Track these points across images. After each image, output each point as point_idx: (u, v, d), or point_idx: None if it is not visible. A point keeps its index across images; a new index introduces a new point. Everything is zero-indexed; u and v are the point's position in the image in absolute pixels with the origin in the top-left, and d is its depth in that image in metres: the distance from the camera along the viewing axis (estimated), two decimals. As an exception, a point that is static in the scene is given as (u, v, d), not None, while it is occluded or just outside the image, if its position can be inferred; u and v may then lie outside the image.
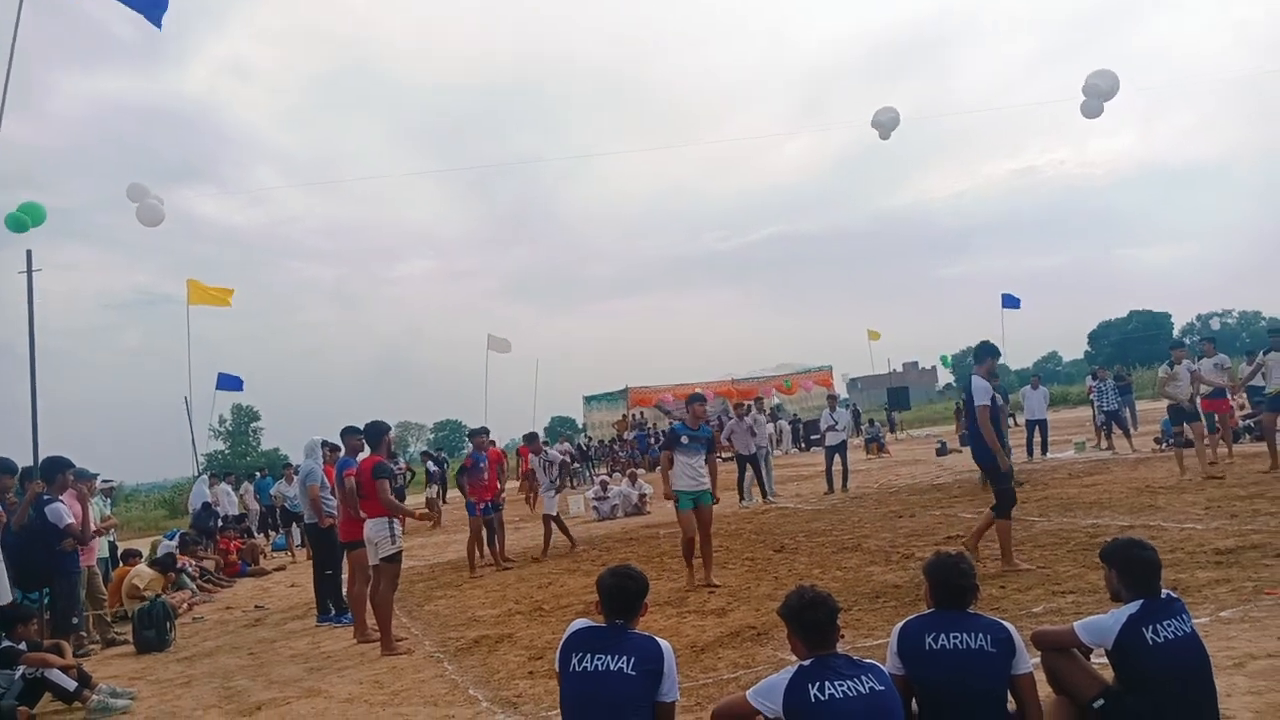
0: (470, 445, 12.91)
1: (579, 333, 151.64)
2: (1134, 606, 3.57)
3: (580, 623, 3.88)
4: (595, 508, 17.34)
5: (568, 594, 9.37)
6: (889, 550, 9.39)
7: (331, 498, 9.42)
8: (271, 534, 19.84)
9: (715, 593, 8.20)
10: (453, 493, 25.00)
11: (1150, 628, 3.49)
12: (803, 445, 33.72)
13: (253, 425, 78.79)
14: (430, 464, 25.84)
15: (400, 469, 19.42)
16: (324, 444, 10.17)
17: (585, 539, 14.04)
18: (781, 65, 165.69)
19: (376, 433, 8.31)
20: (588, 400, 39.61)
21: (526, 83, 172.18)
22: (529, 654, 6.91)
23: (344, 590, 9.31)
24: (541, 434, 16.25)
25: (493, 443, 12.97)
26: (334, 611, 9.53)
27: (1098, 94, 14.02)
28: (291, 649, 8.45)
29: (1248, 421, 16.64)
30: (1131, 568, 3.69)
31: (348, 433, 8.69)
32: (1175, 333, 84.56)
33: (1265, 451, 12.77)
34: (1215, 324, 52.28)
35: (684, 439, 8.88)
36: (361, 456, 8.31)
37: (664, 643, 3.72)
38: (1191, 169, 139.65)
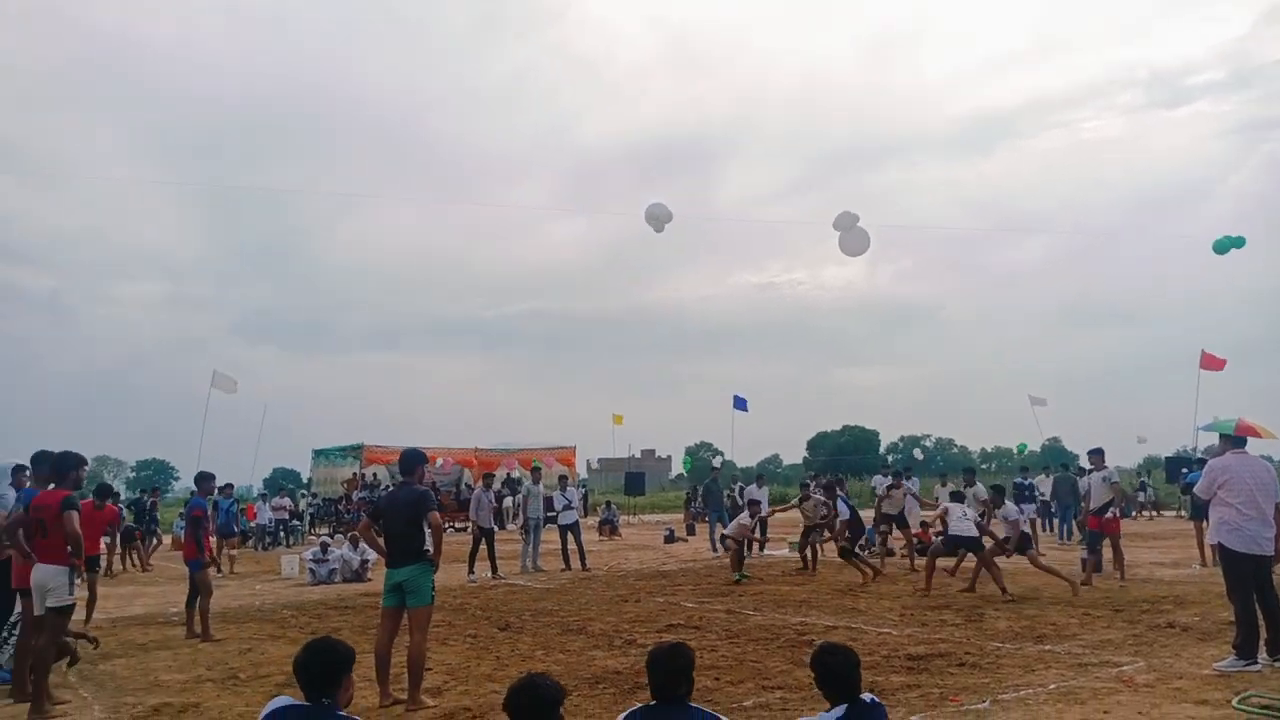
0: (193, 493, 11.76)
1: (319, 382, 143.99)
2: (840, 711, 3.70)
3: (281, 700, 3.53)
4: (312, 570, 16.28)
5: (268, 662, 8.64)
6: (612, 635, 9.42)
7: None
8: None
9: (432, 670, 7.83)
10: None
11: None
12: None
13: (-84, 441, 68.51)
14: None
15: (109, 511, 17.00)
16: (16, 468, 8.65)
17: (296, 603, 13.12)
18: (556, 148, 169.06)
19: (66, 464, 7.39)
20: (316, 454, 37.53)
21: (293, 112, 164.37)
22: (217, 727, 6.27)
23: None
24: (259, 485, 15.14)
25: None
26: None
27: (853, 244, 15.43)
28: (-79, 709, 7.20)
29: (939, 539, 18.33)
30: (825, 673, 3.85)
31: (38, 461, 7.65)
32: (881, 449, 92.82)
33: (959, 567, 14.12)
34: (918, 453, 58.20)
35: None
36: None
37: None
38: (905, 305, 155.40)
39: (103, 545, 14.26)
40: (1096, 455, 13.67)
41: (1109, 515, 13.19)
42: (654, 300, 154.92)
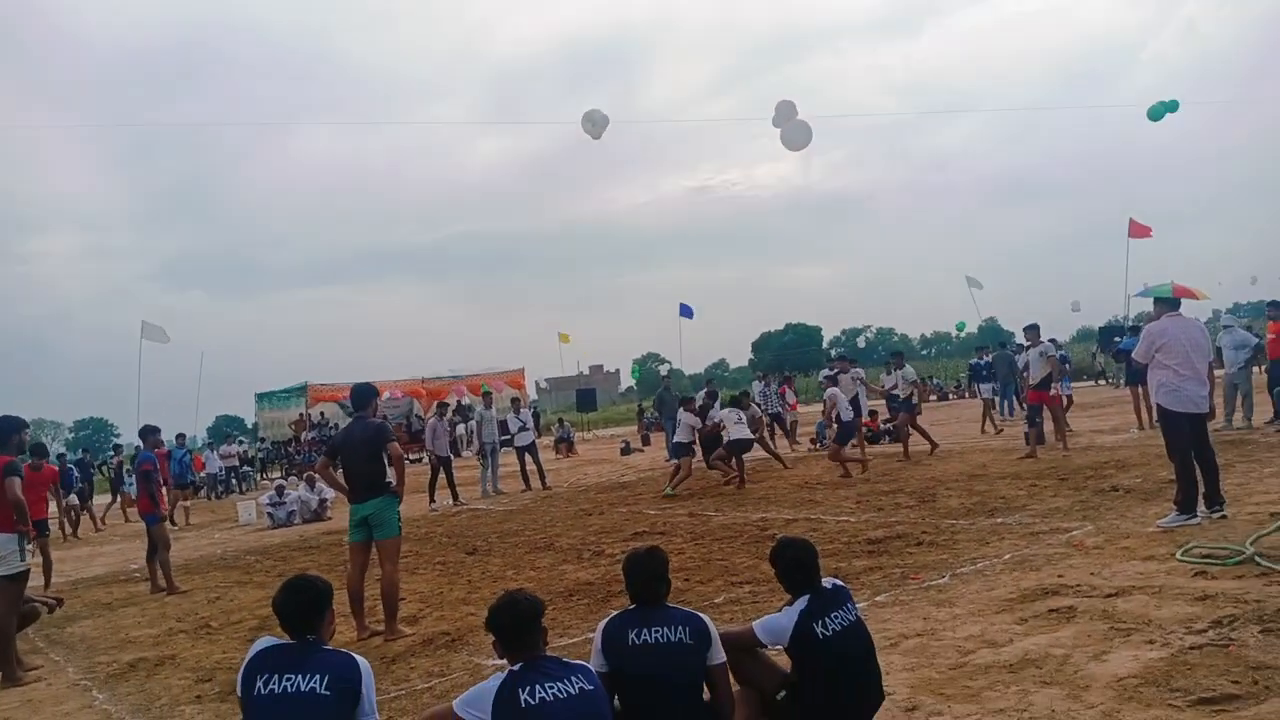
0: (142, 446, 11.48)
1: (254, 324, 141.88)
2: (803, 603, 3.77)
3: (265, 640, 3.54)
4: (270, 514, 16.20)
5: (238, 609, 8.65)
6: (580, 548, 9.56)
7: None
8: None
9: (405, 600, 7.88)
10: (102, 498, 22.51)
11: (820, 622, 3.71)
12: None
13: None
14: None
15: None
16: None
17: (259, 548, 13.08)
18: (474, 61, 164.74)
19: (7, 430, 7.21)
20: (260, 398, 37.01)
21: (196, 45, 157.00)
22: (196, 676, 6.28)
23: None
24: (204, 435, 14.95)
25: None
26: None
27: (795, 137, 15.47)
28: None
29: (887, 425, 18.80)
30: (787, 568, 3.92)
31: None
32: (824, 344, 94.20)
33: (902, 451, 14.53)
34: (861, 342, 59.29)
35: None
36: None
37: (361, 659, 3.48)
38: (840, 198, 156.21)
39: (51, 508, 13.99)
40: (1032, 331, 13.98)
41: (1051, 390, 13.59)
42: (588, 213, 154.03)
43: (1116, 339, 23.28)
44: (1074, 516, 8.19)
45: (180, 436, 20.51)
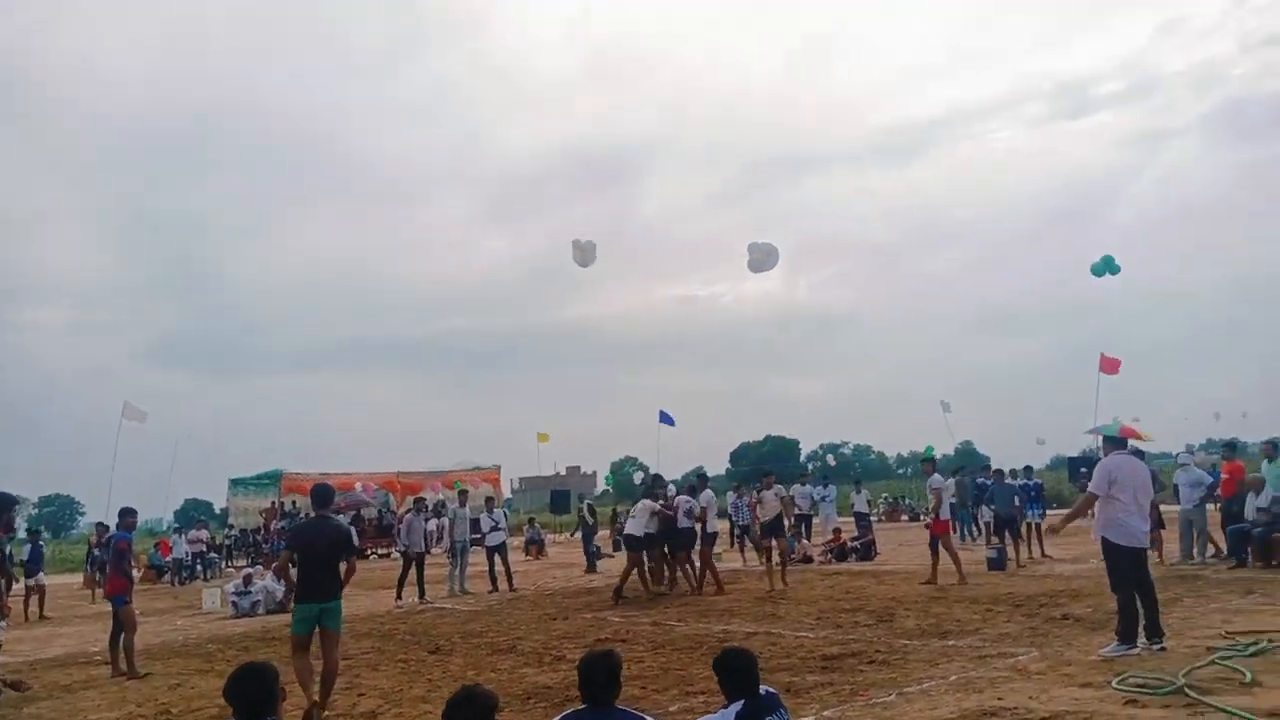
0: (116, 527, 11.43)
1: (234, 409, 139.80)
2: (738, 706, 4.06)
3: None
4: (234, 602, 16.10)
5: (198, 696, 8.67)
6: (542, 652, 9.67)
7: None
8: None
9: (365, 695, 7.98)
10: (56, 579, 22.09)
11: None
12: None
13: None
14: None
15: None
16: None
17: (222, 637, 13.04)
18: (472, 163, 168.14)
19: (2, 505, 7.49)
20: (234, 484, 36.72)
21: (196, 129, 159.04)
22: (153, 762, 6.36)
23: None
24: (169, 518, 14.84)
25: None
26: None
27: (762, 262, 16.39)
28: None
29: (855, 543, 19.08)
30: (728, 674, 4.22)
31: None
32: (802, 457, 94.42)
33: (865, 569, 14.74)
34: (831, 459, 60.27)
35: None
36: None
37: None
38: (825, 315, 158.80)
39: None
40: (928, 463, 15.73)
41: (935, 518, 14.14)
42: (576, 315, 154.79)
43: (1083, 470, 23.85)
44: (1023, 642, 8.44)
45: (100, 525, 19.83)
